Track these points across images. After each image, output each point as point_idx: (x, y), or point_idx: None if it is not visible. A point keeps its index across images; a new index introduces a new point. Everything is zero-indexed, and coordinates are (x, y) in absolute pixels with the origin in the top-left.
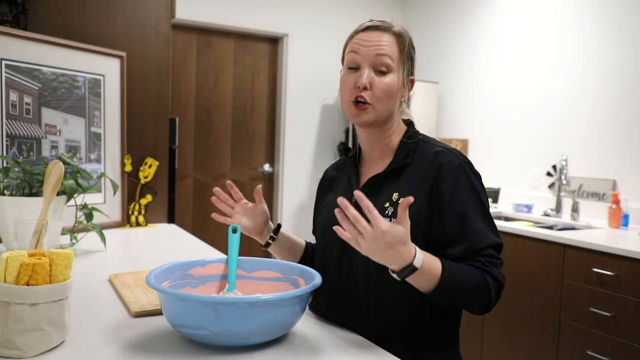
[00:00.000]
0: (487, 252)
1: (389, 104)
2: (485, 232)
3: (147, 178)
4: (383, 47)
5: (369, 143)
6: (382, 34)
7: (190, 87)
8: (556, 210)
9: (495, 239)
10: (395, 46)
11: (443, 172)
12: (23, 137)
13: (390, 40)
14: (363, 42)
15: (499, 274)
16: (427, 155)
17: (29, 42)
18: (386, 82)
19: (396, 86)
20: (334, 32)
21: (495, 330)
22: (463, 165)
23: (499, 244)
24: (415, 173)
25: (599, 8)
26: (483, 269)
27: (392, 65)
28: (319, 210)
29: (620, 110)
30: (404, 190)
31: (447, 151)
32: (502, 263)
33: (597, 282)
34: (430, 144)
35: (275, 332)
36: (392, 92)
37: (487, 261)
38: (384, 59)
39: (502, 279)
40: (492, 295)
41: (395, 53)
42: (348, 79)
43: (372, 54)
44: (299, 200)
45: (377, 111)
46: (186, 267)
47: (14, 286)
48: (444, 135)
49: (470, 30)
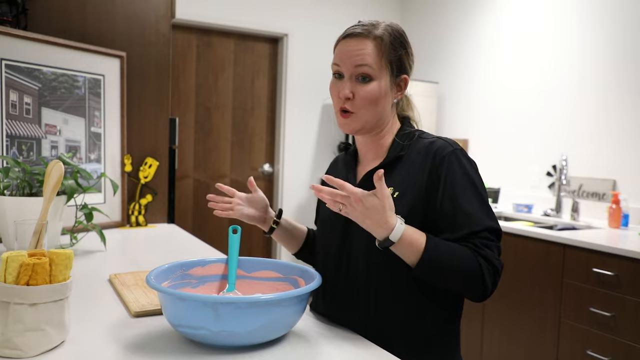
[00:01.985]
0: (482, 235)
1: (375, 111)
2: (479, 215)
3: (147, 178)
4: (361, 57)
5: (364, 144)
6: (361, 42)
7: (190, 87)
8: (556, 210)
9: (490, 222)
10: (374, 52)
11: (437, 159)
12: (23, 137)
13: (369, 47)
14: (343, 52)
15: (494, 258)
16: (421, 148)
17: (29, 42)
18: (368, 90)
19: (380, 92)
20: (334, 32)
21: (495, 330)
22: (456, 152)
23: (495, 228)
24: (409, 166)
25: (598, 8)
26: (476, 251)
27: (372, 73)
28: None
29: (621, 110)
30: (399, 184)
31: (440, 140)
32: (499, 248)
33: (597, 282)
34: (424, 138)
35: (275, 332)
36: (375, 99)
37: (482, 243)
38: (363, 68)
39: (499, 264)
40: (486, 280)
41: (374, 60)
42: (334, 88)
43: (351, 65)
44: (299, 200)
45: (361, 119)
46: (186, 267)
47: (14, 286)
48: (444, 135)
49: (470, 30)
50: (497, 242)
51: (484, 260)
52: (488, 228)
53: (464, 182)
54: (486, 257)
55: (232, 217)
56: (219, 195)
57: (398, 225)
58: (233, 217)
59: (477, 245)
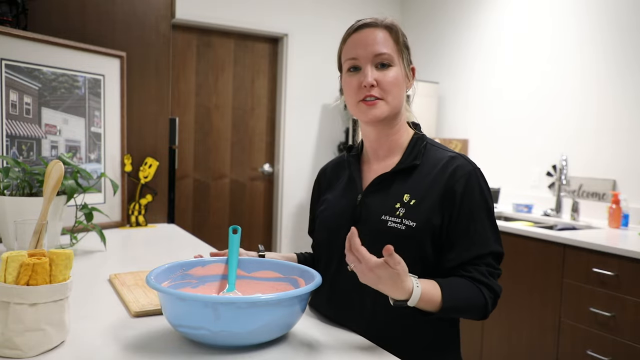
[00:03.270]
0: (487, 260)
1: (399, 96)
2: (489, 238)
3: (147, 178)
4: (379, 45)
5: (377, 140)
6: (375, 31)
7: (190, 87)
8: (556, 210)
9: (497, 247)
10: (390, 39)
11: (457, 175)
12: (23, 137)
13: (384, 34)
14: (358, 43)
15: (496, 285)
16: (439, 160)
17: (29, 42)
18: (392, 75)
19: (401, 77)
20: (334, 32)
21: (496, 330)
22: (476, 171)
23: (501, 253)
24: (426, 176)
25: (598, 9)
26: (482, 281)
27: (391, 59)
28: (317, 210)
29: (621, 110)
30: (415, 192)
31: (461, 157)
32: (500, 274)
33: (597, 282)
34: (441, 149)
35: (275, 332)
36: (399, 83)
37: (488, 272)
38: (383, 56)
39: (499, 289)
40: (488, 307)
41: (392, 46)
42: (351, 81)
43: (371, 53)
44: (299, 200)
45: (389, 104)
46: (186, 267)
47: (14, 286)
48: (444, 135)
49: (470, 30)
50: (499, 268)
51: (487, 291)
52: (494, 252)
53: (481, 203)
54: (489, 285)
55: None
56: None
57: (415, 289)
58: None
59: (483, 274)
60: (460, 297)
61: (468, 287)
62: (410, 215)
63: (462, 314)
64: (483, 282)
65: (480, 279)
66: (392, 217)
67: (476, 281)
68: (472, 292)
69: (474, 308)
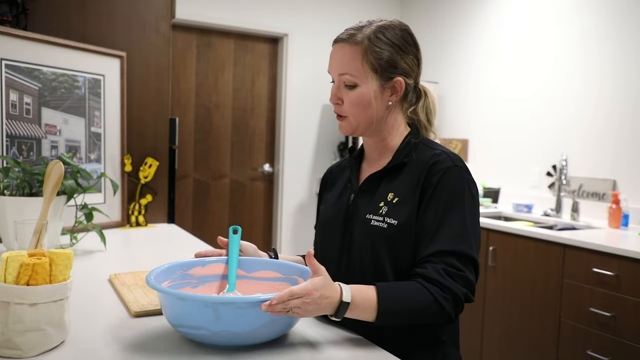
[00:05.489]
0: (447, 259)
1: (366, 114)
2: (456, 237)
3: (147, 178)
4: (340, 65)
5: (369, 145)
6: (343, 48)
7: (190, 87)
8: (556, 210)
9: (466, 249)
10: (357, 58)
11: (434, 169)
12: (23, 137)
13: (351, 52)
14: (331, 58)
15: (454, 286)
16: (427, 158)
17: (29, 42)
18: (353, 96)
19: (366, 97)
20: (334, 32)
21: (495, 330)
22: (455, 169)
23: (470, 256)
24: (411, 174)
25: (599, 9)
26: (433, 279)
27: (354, 80)
28: (320, 208)
29: (621, 110)
30: (399, 190)
31: (444, 154)
32: (466, 278)
33: (597, 282)
34: (430, 147)
35: (275, 332)
36: (362, 103)
37: (445, 270)
38: (344, 77)
39: (460, 292)
40: (445, 308)
41: (354, 66)
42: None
43: (336, 72)
44: (299, 200)
45: (352, 123)
46: (186, 267)
47: (14, 286)
48: (444, 135)
49: (470, 30)
50: (466, 273)
51: (439, 290)
52: (458, 253)
53: (454, 199)
54: (443, 285)
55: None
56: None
57: (344, 289)
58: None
59: (437, 271)
60: (401, 301)
61: (413, 288)
62: (392, 214)
63: (413, 318)
64: (435, 281)
65: (433, 276)
66: (376, 215)
67: (427, 279)
68: (417, 293)
69: (421, 311)
